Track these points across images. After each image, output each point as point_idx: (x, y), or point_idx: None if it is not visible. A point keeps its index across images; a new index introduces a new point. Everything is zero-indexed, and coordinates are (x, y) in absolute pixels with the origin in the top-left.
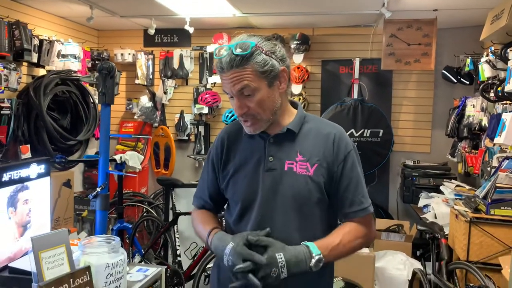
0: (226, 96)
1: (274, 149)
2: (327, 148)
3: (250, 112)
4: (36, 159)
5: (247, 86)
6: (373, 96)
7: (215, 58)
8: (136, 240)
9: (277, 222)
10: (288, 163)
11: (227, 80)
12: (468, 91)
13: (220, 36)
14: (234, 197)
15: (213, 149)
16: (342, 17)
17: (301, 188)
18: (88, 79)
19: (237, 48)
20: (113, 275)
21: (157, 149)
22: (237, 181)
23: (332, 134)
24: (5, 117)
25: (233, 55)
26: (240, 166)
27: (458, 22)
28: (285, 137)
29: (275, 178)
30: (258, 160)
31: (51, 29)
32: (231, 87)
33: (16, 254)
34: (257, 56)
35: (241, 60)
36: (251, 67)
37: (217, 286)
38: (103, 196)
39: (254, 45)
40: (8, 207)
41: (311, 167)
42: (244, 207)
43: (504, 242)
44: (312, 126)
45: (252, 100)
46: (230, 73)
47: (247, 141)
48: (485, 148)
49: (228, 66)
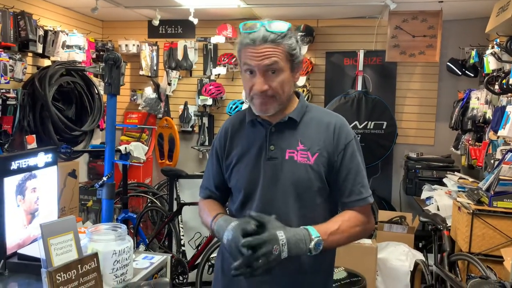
0: (230, 87)
1: (276, 138)
2: (328, 138)
3: (270, 91)
4: (43, 148)
5: (275, 63)
6: (377, 88)
7: (242, 32)
8: (140, 230)
9: (278, 210)
10: (289, 152)
11: (256, 54)
12: (473, 84)
13: (224, 27)
14: (237, 185)
15: (217, 139)
16: (347, 9)
17: (302, 177)
18: (93, 69)
19: (272, 26)
20: (119, 261)
21: (161, 140)
22: (239, 169)
23: (332, 123)
24: (11, 107)
25: (267, 32)
26: (242, 155)
27: (463, 14)
28: (286, 126)
29: (276, 167)
30: (259, 149)
31: (56, 19)
32: (259, 61)
33: (24, 241)
34: (290, 38)
35: (276, 38)
36: (283, 47)
37: (220, 275)
38: (109, 185)
39: (290, 27)
40: (16, 195)
41: (312, 156)
42: (246, 196)
43: (506, 234)
44: (314, 115)
45: (275, 79)
46: (262, 47)
47: (249, 130)
48: (489, 140)
49: (261, 40)
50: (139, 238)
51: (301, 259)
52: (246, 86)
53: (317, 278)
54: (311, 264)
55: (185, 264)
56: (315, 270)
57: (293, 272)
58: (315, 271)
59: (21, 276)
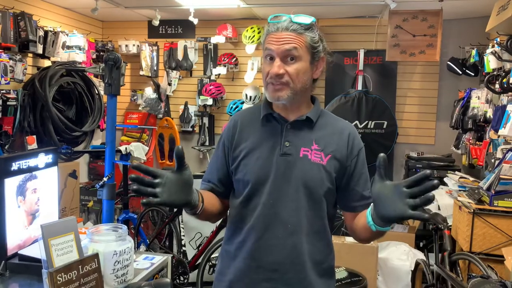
0: (230, 87)
1: (291, 134)
2: (342, 143)
3: (286, 76)
4: (44, 149)
5: (294, 49)
6: (378, 87)
7: (269, 22)
8: (141, 230)
9: (288, 207)
10: (303, 150)
11: (277, 39)
12: (473, 83)
13: (224, 27)
14: (244, 178)
15: (225, 132)
16: (347, 8)
17: (314, 176)
18: (94, 70)
19: (297, 18)
20: (120, 262)
21: (161, 141)
22: (249, 162)
23: (347, 129)
24: (11, 108)
25: (291, 22)
26: (253, 148)
27: (463, 13)
28: (303, 125)
29: (289, 163)
30: (273, 144)
31: (56, 20)
32: (279, 46)
33: (25, 242)
34: (312, 31)
35: (298, 28)
36: (304, 37)
37: (222, 275)
38: (110, 186)
39: (314, 21)
40: (17, 195)
41: (325, 157)
42: (253, 189)
43: (507, 233)
44: (328, 120)
45: (291, 66)
46: (285, 34)
47: (263, 125)
48: (490, 140)
49: (284, 28)
50: (140, 239)
51: (303, 256)
52: (264, 72)
53: (318, 278)
54: (312, 263)
55: (185, 264)
56: (317, 270)
57: (295, 270)
58: (317, 271)
59: (22, 277)
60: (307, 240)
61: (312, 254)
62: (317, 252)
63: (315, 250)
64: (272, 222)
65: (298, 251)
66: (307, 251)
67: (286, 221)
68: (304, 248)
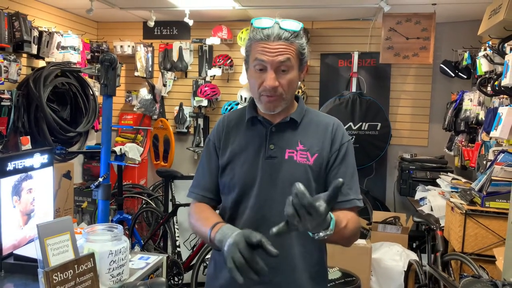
0: (225, 89)
1: (276, 137)
2: (326, 138)
3: (279, 88)
4: (39, 149)
5: (288, 60)
6: (372, 89)
7: (255, 27)
8: (135, 231)
9: (275, 209)
10: (288, 152)
11: (270, 49)
12: (466, 85)
13: (219, 29)
14: (231, 183)
15: (213, 133)
16: (341, 11)
17: (301, 177)
18: (89, 70)
19: (286, 24)
20: (116, 262)
21: (156, 141)
22: (235, 167)
23: (331, 124)
24: (5, 109)
25: (281, 30)
26: (239, 152)
27: (456, 16)
28: (287, 126)
29: (275, 166)
30: (258, 147)
31: (51, 20)
32: (273, 57)
33: (20, 242)
34: (301, 38)
35: (290, 36)
36: (295, 46)
37: (213, 280)
38: (105, 186)
39: (302, 27)
40: (12, 195)
41: (311, 156)
42: (241, 194)
43: (499, 234)
44: (312, 118)
45: (284, 77)
46: (277, 44)
47: (248, 128)
48: (482, 141)
49: (276, 37)
50: (134, 240)
51: (294, 259)
52: (255, 83)
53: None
54: (304, 266)
55: (180, 265)
56: (309, 272)
57: (286, 273)
58: (309, 273)
59: (17, 276)
60: (298, 242)
61: (304, 257)
62: (308, 255)
63: (307, 252)
64: (261, 225)
65: (288, 254)
66: (298, 254)
67: (274, 224)
68: (295, 251)
